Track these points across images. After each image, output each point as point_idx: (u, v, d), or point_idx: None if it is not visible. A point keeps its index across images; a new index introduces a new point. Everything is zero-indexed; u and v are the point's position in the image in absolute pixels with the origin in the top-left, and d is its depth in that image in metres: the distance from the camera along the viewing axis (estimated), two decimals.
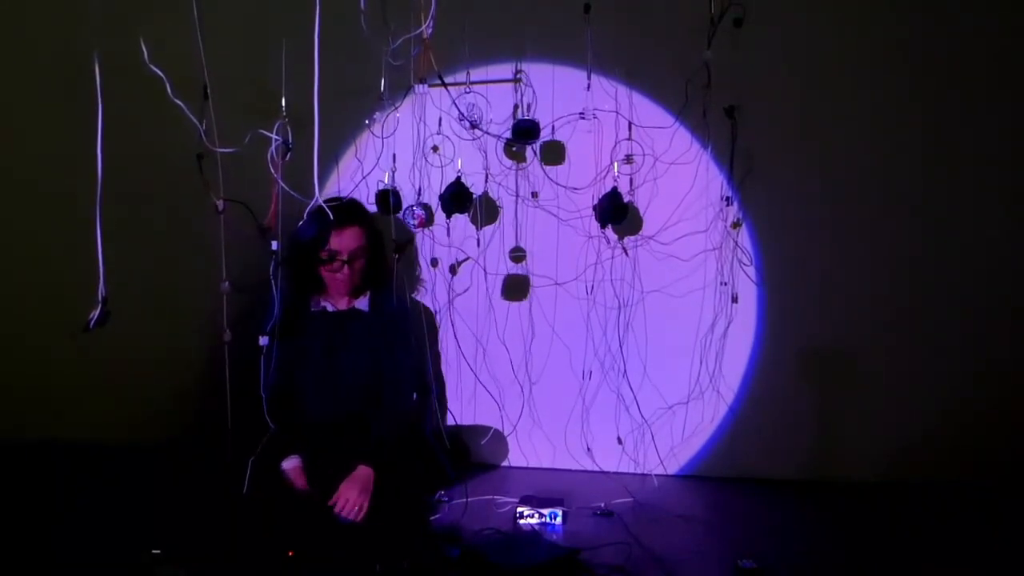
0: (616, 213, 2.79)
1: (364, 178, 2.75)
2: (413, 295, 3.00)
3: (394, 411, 2.59)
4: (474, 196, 2.86)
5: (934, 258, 2.86)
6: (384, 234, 2.60)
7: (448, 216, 2.86)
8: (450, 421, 2.93)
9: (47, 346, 3.17)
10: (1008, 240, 2.83)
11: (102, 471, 2.94)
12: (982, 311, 2.86)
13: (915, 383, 2.90)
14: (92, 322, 1.75)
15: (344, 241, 2.51)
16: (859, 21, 2.82)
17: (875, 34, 2.82)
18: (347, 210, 2.46)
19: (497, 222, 3.00)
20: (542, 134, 2.86)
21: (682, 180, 2.89)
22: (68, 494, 2.73)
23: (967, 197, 2.83)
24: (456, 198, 2.78)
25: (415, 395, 2.68)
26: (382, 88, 2.51)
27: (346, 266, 2.53)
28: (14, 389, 3.21)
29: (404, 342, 2.64)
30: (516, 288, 3.03)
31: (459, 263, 3.01)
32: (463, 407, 3.09)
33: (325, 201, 1.95)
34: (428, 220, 2.87)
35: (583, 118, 2.88)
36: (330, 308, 2.64)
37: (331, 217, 2.02)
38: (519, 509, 2.55)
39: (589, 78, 2.82)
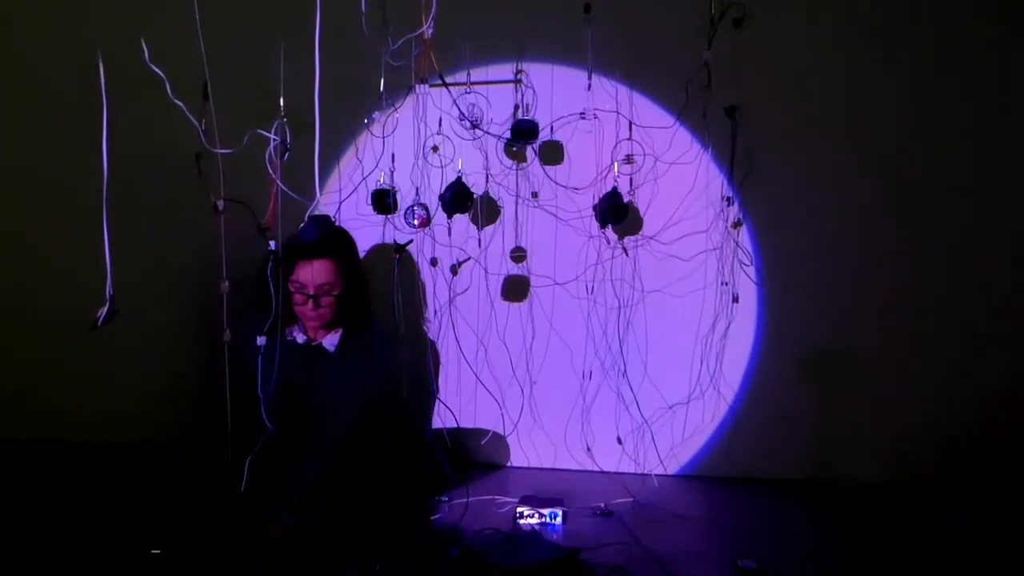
0: (616, 213, 2.79)
1: (364, 179, 2.74)
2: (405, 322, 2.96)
3: (325, 449, 2.44)
4: (474, 196, 2.85)
5: (935, 257, 2.86)
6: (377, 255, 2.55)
7: (449, 216, 2.86)
8: (451, 423, 2.93)
9: (47, 345, 3.17)
10: (1010, 240, 2.83)
11: (102, 471, 2.93)
12: (983, 311, 2.85)
13: (915, 383, 2.89)
14: (100, 320, 1.75)
15: (312, 274, 2.36)
16: (860, 21, 2.82)
17: (876, 34, 2.82)
18: (319, 241, 2.32)
19: (497, 222, 3.00)
20: (542, 134, 2.86)
21: (682, 180, 2.89)
22: (68, 494, 2.72)
23: (968, 197, 2.83)
24: (457, 198, 2.77)
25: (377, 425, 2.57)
26: (381, 88, 2.51)
27: (311, 301, 2.40)
28: (14, 389, 3.21)
29: (368, 376, 2.53)
30: (516, 288, 3.03)
31: (460, 263, 3.01)
32: (463, 407, 3.09)
33: (307, 218, 1.93)
34: (427, 220, 2.86)
35: (583, 118, 2.88)
36: (299, 339, 2.55)
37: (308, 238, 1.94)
38: (519, 509, 2.54)
39: (590, 78, 2.81)
